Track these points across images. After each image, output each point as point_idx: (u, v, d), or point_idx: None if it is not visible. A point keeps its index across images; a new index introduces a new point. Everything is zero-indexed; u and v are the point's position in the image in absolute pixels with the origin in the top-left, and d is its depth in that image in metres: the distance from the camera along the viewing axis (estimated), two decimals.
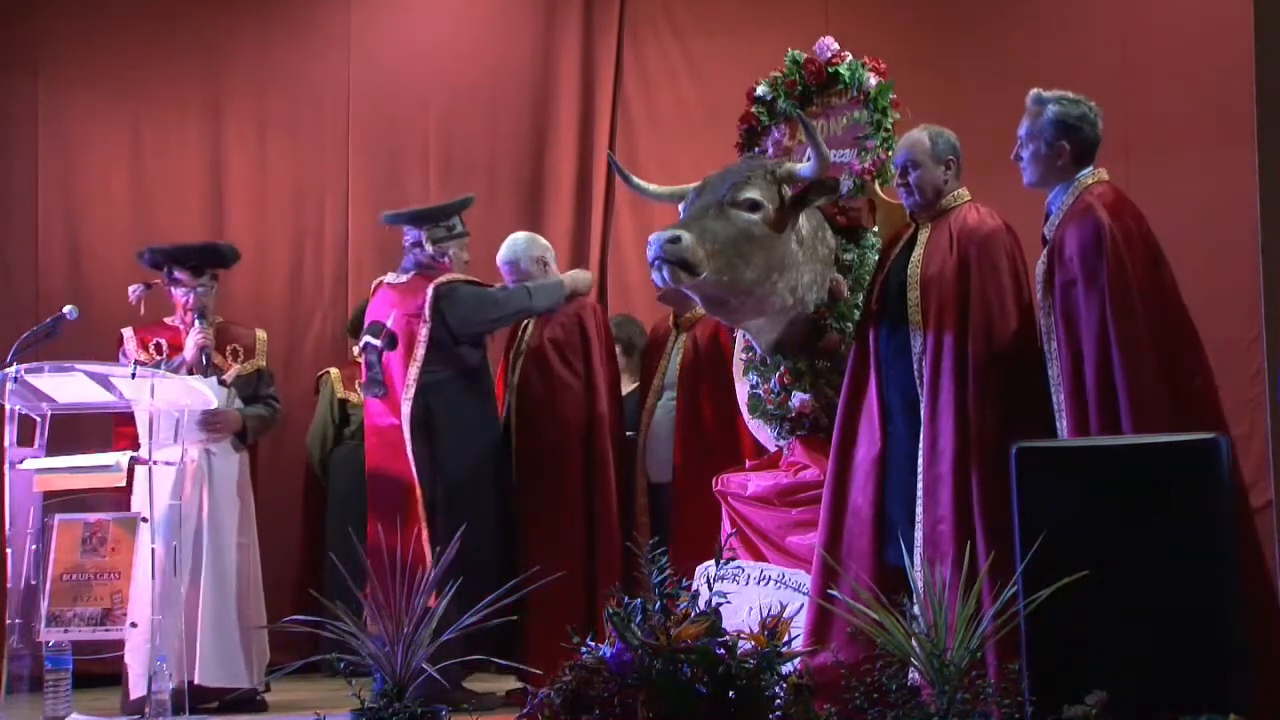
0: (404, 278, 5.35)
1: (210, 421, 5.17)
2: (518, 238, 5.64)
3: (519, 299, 5.35)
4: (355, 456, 5.88)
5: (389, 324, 5.23)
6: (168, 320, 5.42)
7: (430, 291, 5.20)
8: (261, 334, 5.59)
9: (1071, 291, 3.73)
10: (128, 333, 5.39)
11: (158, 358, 5.27)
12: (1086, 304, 3.69)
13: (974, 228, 4.02)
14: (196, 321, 5.27)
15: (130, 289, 5.37)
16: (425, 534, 4.96)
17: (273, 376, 5.60)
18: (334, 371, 6.47)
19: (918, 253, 4.08)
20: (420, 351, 5.16)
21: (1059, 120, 3.83)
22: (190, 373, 5.18)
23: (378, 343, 5.25)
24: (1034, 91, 3.93)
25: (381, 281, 5.44)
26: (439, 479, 5.16)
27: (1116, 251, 3.67)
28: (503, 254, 5.56)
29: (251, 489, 5.36)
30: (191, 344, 5.24)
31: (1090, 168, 3.87)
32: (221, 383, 5.27)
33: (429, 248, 5.33)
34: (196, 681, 4.91)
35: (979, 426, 3.83)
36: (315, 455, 6.38)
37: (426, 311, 5.16)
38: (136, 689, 4.85)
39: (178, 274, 5.35)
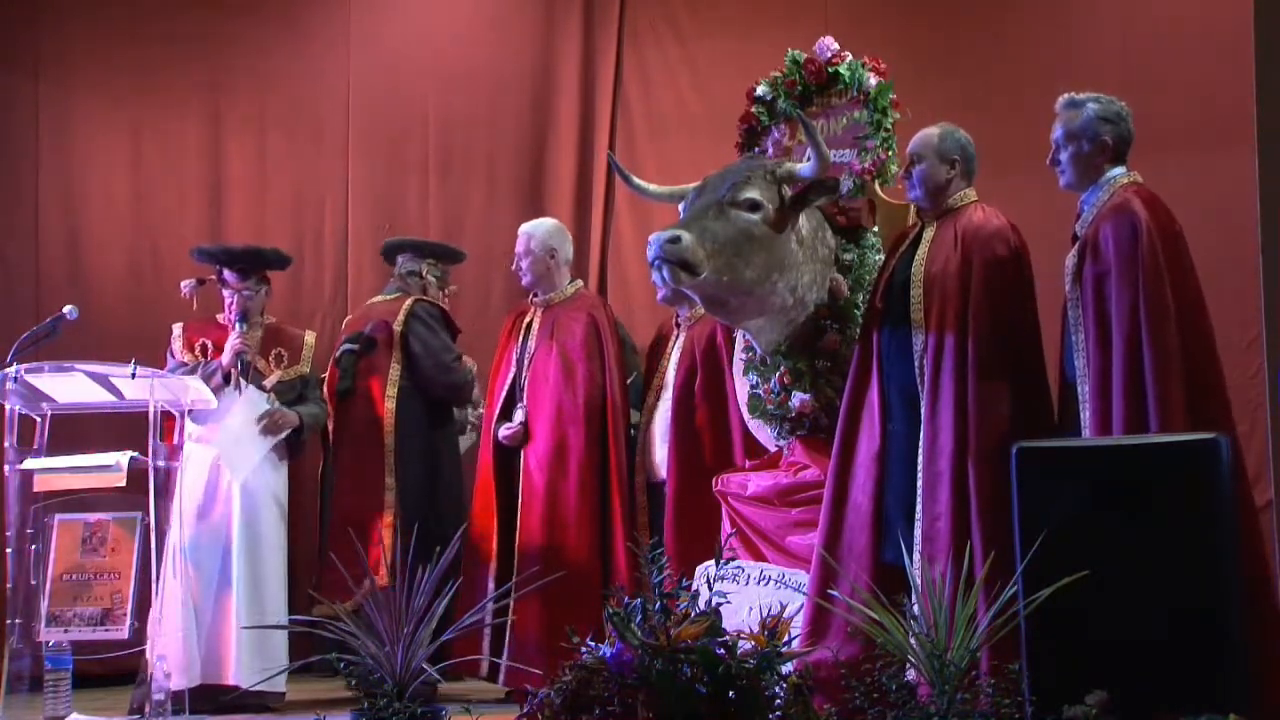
0: (390, 296, 5.69)
1: (271, 424, 5.25)
2: (547, 221, 5.66)
3: (459, 379, 5.63)
4: None
5: (367, 330, 5.55)
6: (219, 318, 5.46)
7: (408, 303, 5.57)
8: (310, 337, 5.64)
9: (1105, 283, 3.78)
10: (177, 329, 5.45)
11: (201, 359, 5.29)
12: (1119, 294, 3.73)
13: (978, 226, 4.06)
14: (237, 325, 5.29)
15: (183, 284, 5.45)
16: (389, 533, 5.18)
17: (321, 381, 5.60)
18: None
19: (922, 250, 4.12)
20: (399, 354, 5.48)
21: (1100, 116, 3.93)
22: (225, 377, 5.20)
23: (354, 346, 5.52)
24: (1065, 96, 4.01)
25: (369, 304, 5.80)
26: (416, 478, 5.42)
27: (1152, 245, 3.73)
28: (526, 226, 5.57)
29: (287, 494, 5.39)
30: (227, 348, 5.25)
31: (1123, 168, 3.94)
32: (261, 388, 5.29)
33: (429, 277, 5.75)
34: (230, 682, 4.91)
35: (979, 424, 3.85)
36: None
37: (400, 319, 5.51)
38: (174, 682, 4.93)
39: (226, 275, 5.41)
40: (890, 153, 4.42)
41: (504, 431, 5.31)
